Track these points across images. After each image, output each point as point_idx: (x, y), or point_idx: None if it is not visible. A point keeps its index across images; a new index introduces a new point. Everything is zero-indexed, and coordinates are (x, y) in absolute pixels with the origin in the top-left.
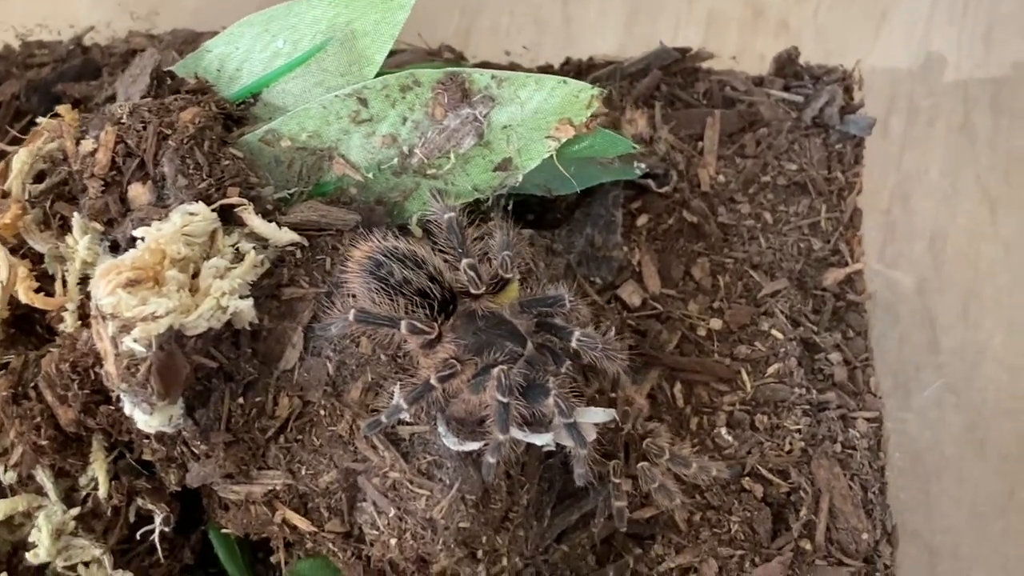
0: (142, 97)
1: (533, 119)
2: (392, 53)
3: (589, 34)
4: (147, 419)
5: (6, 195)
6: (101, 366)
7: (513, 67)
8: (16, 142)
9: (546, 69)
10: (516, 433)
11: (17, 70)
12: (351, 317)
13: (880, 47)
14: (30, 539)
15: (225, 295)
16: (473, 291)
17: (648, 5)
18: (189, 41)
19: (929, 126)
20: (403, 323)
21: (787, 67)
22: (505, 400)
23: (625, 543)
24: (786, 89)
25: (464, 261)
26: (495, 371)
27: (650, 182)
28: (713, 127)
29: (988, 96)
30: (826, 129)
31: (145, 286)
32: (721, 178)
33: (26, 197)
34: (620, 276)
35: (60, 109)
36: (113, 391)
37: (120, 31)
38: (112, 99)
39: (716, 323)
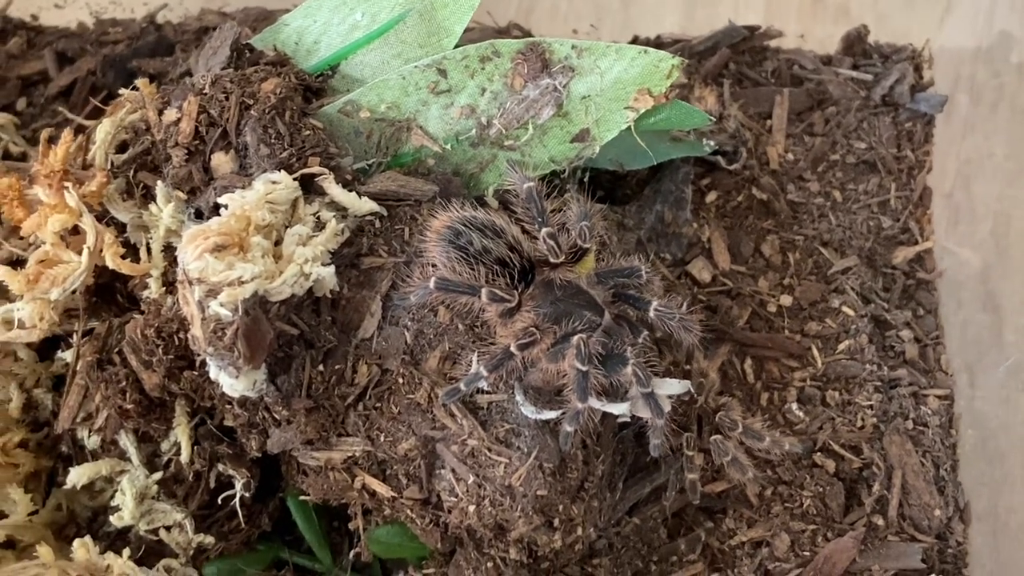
0: (222, 69)
1: (612, 89)
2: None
3: (649, 17)
4: (232, 383)
5: (88, 166)
6: (186, 332)
7: None
8: (94, 115)
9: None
10: (594, 402)
11: (92, 47)
12: (432, 285)
13: (942, 29)
14: (113, 503)
15: (308, 262)
16: (552, 260)
17: None
18: (262, 18)
19: (992, 109)
20: (484, 291)
21: (856, 46)
22: (584, 368)
23: (696, 516)
24: (855, 68)
25: (543, 230)
26: (574, 339)
27: (719, 159)
28: (782, 105)
29: None
30: (895, 107)
31: (231, 251)
32: (790, 156)
33: (109, 167)
34: (690, 252)
35: (139, 83)
36: (199, 355)
37: (192, 8)
38: (187, 74)
39: (786, 299)
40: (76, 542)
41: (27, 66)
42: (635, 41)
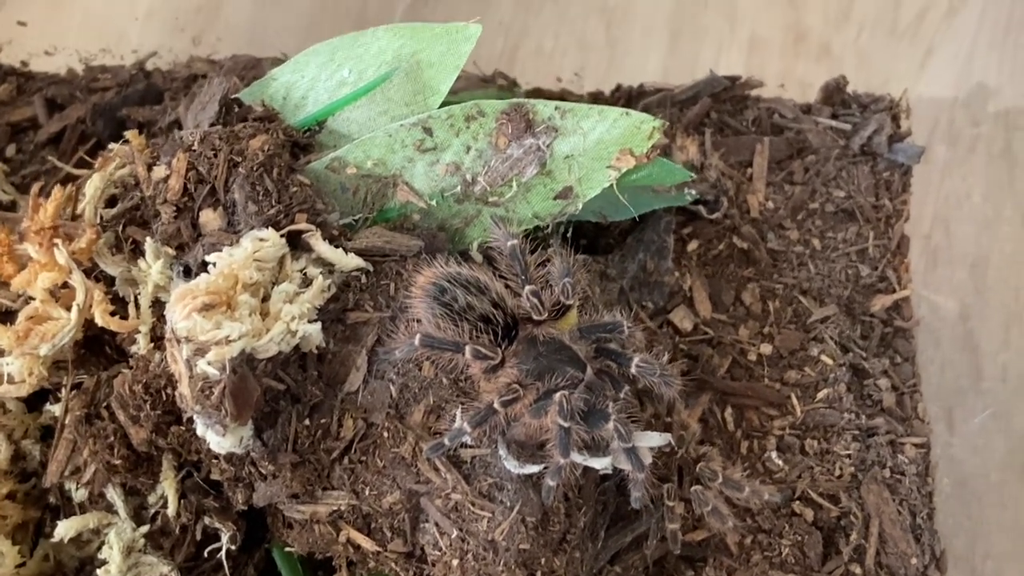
0: (211, 124)
1: (595, 149)
2: None
3: (633, 57)
4: (219, 440)
5: (77, 217)
6: (173, 387)
7: (565, 93)
8: (83, 165)
9: (597, 95)
10: (576, 457)
11: (81, 94)
12: (417, 342)
13: (922, 73)
14: (100, 555)
15: (295, 319)
16: (535, 317)
17: (691, 29)
18: (250, 67)
19: (970, 152)
20: (468, 348)
21: (835, 95)
22: (567, 425)
23: (677, 565)
24: (834, 117)
25: (527, 288)
26: (557, 396)
27: (701, 208)
28: (762, 154)
29: None
30: (874, 157)
31: (219, 310)
32: (770, 204)
33: (98, 221)
34: (672, 301)
35: (128, 135)
36: (186, 413)
37: (181, 56)
38: (175, 123)
39: (766, 348)
40: None
41: (17, 112)
42: (618, 90)
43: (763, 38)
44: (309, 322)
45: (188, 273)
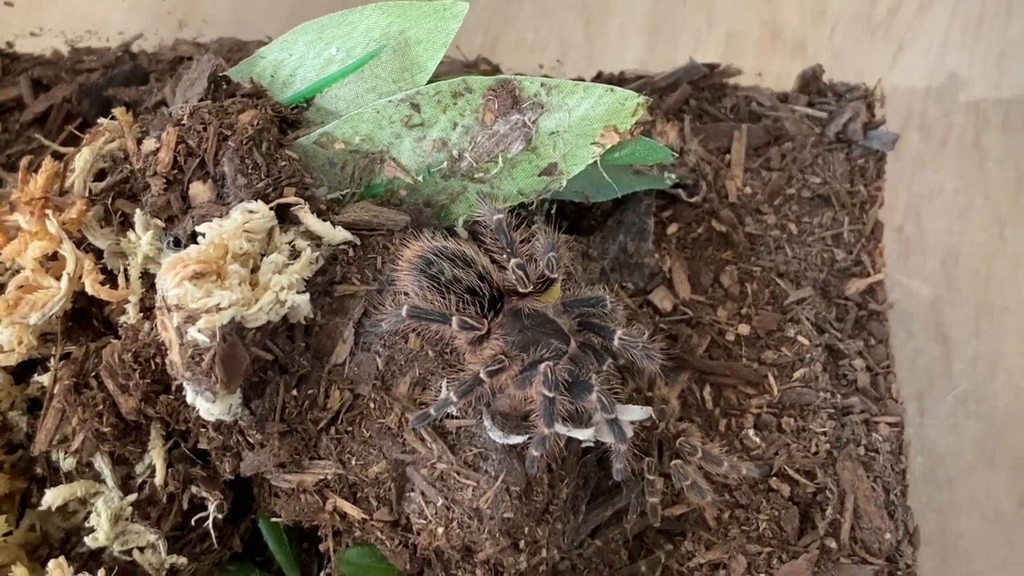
0: (200, 100)
1: (580, 125)
2: None
3: (611, 52)
4: (209, 407)
5: (65, 192)
6: (163, 356)
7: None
8: (69, 143)
9: (578, 81)
10: (560, 428)
11: (67, 75)
12: (404, 312)
13: (894, 68)
14: (87, 524)
15: (283, 289)
16: (521, 290)
17: (668, 25)
18: (235, 49)
19: (942, 145)
20: (455, 319)
21: (811, 84)
22: (551, 395)
23: (656, 539)
24: (810, 105)
25: (513, 261)
26: (542, 367)
27: (680, 192)
28: (740, 140)
29: (1000, 116)
30: (849, 144)
31: (209, 279)
32: (748, 190)
33: (87, 194)
34: (652, 282)
35: (116, 111)
36: (176, 380)
37: (167, 38)
38: (162, 103)
39: (744, 328)
40: (51, 563)
41: (2, 92)
42: (599, 77)
43: (740, 34)
44: (298, 293)
45: (178, 244)
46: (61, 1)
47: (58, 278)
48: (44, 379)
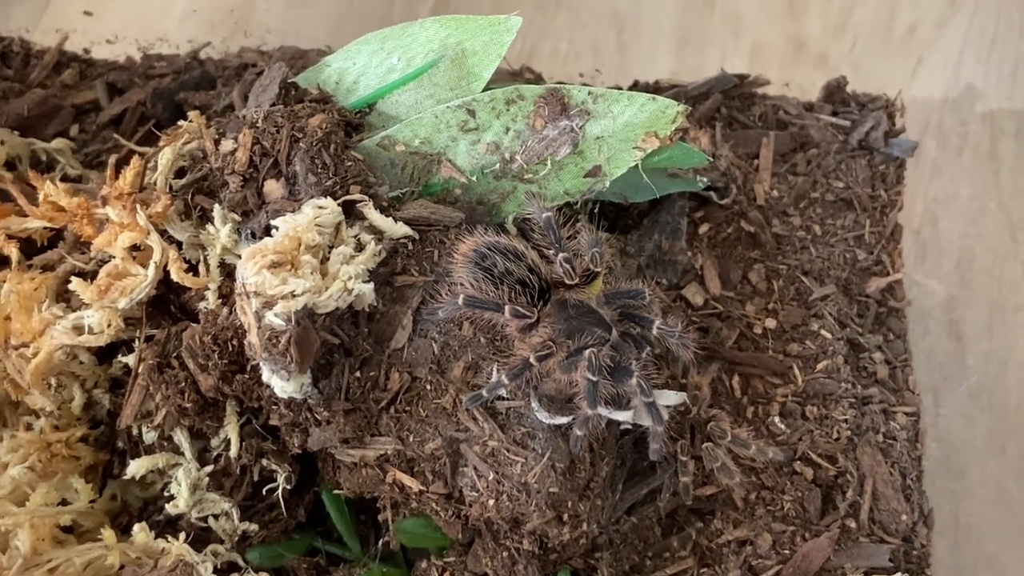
0: (271, 104)
1: (623, 131)
2: None
3: (643, 62)
4: (283, 385)
5: (143, 188)
6: (240, 339)
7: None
8: (143, 143)
9: (616, 89)
10: (602, 409)
11: (140, 80)
12: (460, 301)
13: (913, 81)
14: (166, 493)
15: (351, 279)
16: (567, 282)
17: (697, 37)
18: (297, 56)
19: (958, 154)
20: (507, 308)
21: (835, 94)
22: (595, 379)
23: (688, 517)
24: (834, 114)
25: (560, 255)
26: (586, 352)
27: (712, 194)
28: (768, 147)
29: (1013, 127)
30: (871, 151)
31: (284, 268)
32: (775, 193)
33: (169, 190)
34: (684, 278)
35: (191, 115)
36: (253, 360)
37: (233, 47)
38: (229, 107)
39: (771, 323)
40: (136, 527)
41: (80, 96)
42: (635, 85)
43: (765, 46)
44: (363, 282)
45: (254, 237)
46: (134, 11)
47: (144, 266)
48: (128, 359)
